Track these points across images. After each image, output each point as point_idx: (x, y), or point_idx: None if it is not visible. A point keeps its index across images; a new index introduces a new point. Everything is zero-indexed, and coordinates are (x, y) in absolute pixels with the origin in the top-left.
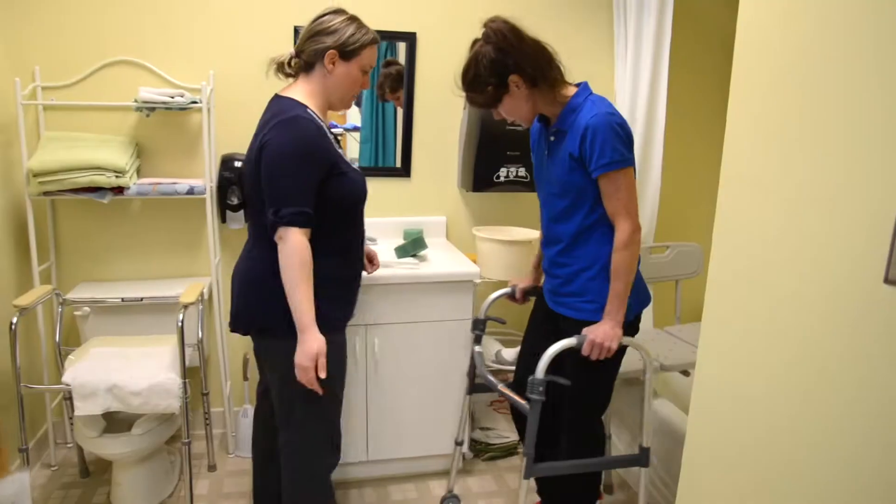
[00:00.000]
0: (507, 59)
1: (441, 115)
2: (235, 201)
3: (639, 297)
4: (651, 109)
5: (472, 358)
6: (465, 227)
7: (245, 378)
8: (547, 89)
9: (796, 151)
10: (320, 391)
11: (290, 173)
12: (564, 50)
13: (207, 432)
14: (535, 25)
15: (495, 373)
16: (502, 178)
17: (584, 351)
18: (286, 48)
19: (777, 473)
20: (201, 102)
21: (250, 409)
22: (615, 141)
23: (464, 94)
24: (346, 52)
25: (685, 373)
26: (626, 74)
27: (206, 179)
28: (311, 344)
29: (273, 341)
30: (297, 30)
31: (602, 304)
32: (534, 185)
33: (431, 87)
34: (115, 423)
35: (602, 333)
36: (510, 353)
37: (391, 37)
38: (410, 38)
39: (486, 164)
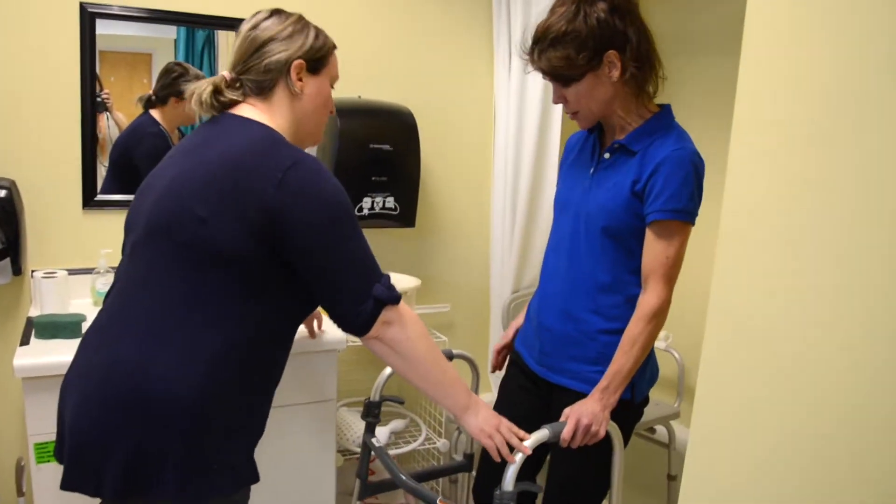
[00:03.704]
0: (618, 27)
1: None
2: None
3: (652, 373)
4: (544, 132)
5: (363, 453)
6: None
7: (20, 493)
8: (636, 88)
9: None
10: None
11: (359, 234)
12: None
13: None
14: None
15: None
16: (366, 211)
17: (565, 435)
18: (69, 34)
19: None
20: None
21: None
22: (695, 189)
23: (531, 54)
24: (317, 62)
25: (651, 430)
26: (512, 81)
27: None
28: (486, 413)
29: None
30: (84, 8)
31: (632, 379)
32: (406, 219)
33: None
34: None
35: (590, 413)
36: (382, 433)
37: (215, 24)
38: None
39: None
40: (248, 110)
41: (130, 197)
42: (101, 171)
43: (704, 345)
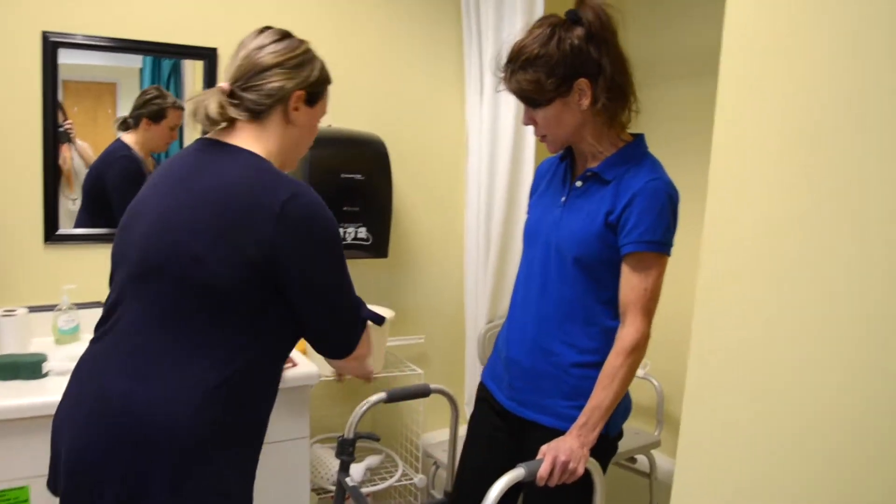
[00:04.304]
0: (592, 56)
1: None
2: None
3: (626, 405)
4: (517, 158)
5: (337, 493)
6: None
7: None
8: (608, 118)
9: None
10: None
11: (345, 261)
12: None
13: None
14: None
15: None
16: None
17: (542, 473)
18: (31, 63)
19: None
20: None
21: None
22: (671, 220)
23: (504, 72)
24: (314, 95)
25: (632, 460)
26: (484, 107)
27: None
28: None
29: None
30: (46, 37)
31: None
32: (378, 250)
33: None
34: None
35: (568, 450)
36: (357, 470)
37: (183, 53)
38: (209, 56)
39: None
40: (241, 135)
41: (97, 231)
42: (66, 205)
43: (689, 373)
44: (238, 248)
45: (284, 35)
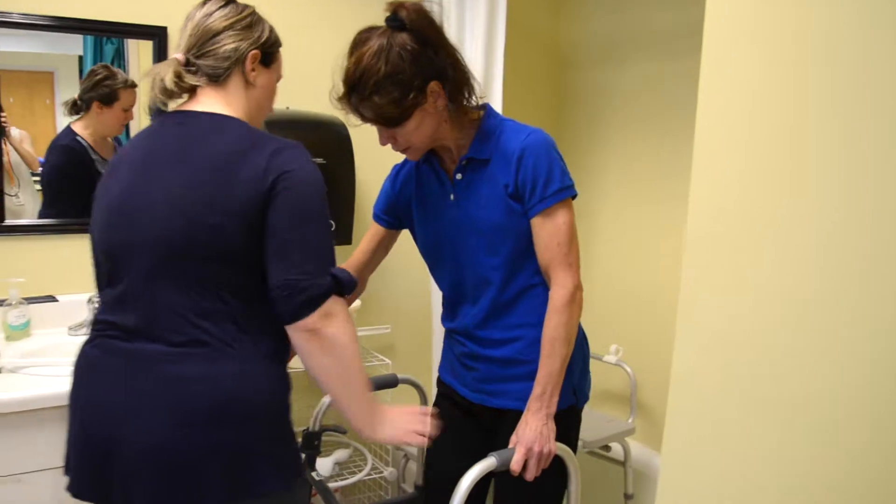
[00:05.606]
0: (432, 57)
1: None
2: None
3: (585, 369)
4: None
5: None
6: None
7: None
8: (460, 108)
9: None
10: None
11: (325, 217)
12: None
13: None
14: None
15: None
16: None
17: (516, 466)
18: None
19: None
20: None
21: None
22: (560, 162)
23: (347, 101)
24: (269, 56)
25: (606, 448)
26: None
27: None
28: (392, 414)
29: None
30: None
31: (572, 384)
32: (342, 236)
33: None
34: None
35: (536, 437)
36: (326, 465)
37: (131, 32)
38: (159, 35)
39: None
40: (207, 103)
41: (47, 222)
42: (10, 202)
43: (674, 366)
44: (245, 213)
45: (229, 1)
